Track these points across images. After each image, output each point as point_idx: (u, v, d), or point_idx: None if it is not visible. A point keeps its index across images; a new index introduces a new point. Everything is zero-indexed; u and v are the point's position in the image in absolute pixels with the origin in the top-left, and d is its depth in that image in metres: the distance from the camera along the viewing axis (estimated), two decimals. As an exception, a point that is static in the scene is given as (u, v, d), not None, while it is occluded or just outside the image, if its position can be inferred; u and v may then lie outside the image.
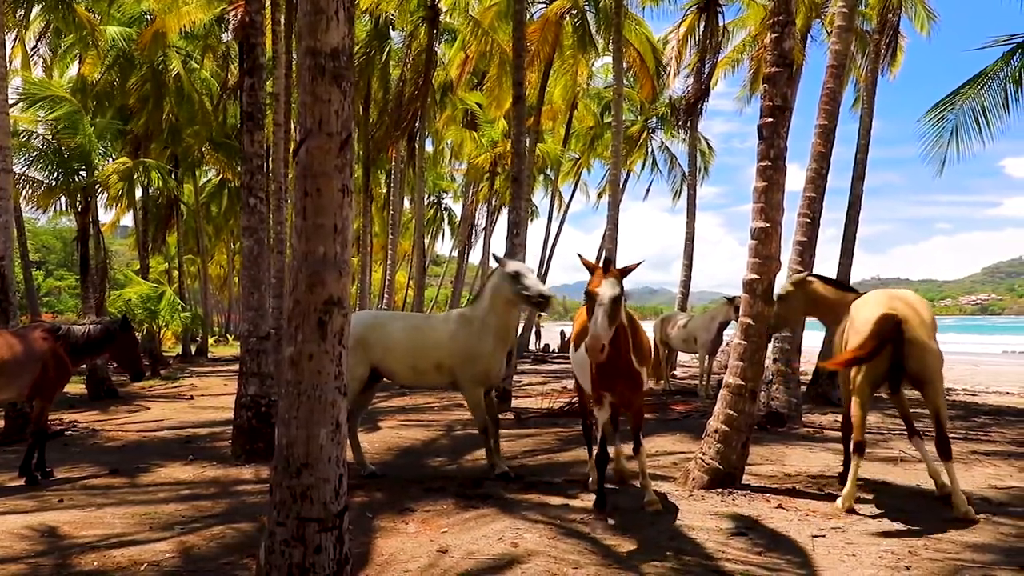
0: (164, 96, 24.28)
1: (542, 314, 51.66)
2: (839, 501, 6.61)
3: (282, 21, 17.53)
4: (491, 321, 7.73)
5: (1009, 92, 11.34)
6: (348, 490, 7.13)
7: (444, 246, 61.05)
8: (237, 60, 21.75)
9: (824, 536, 5.84)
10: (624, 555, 5.38)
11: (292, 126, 18.44)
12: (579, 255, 6.40)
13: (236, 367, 24.44)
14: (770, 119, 7.29)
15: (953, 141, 11.80)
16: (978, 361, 33.44)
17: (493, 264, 8.21)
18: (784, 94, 7.30)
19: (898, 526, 6.07)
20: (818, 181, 11.89)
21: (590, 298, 5.92)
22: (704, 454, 7.54)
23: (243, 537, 5.89)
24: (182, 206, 35.06)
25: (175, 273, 36.57)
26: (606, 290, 5.85)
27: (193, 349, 31.84)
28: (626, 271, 6.13)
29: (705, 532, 5.96)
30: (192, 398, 16.54)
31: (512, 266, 7.63)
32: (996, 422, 12.41)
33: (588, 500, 6.85)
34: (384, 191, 37.95)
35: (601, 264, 6.15)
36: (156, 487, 7.91)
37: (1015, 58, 11.51)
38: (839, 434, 10.86)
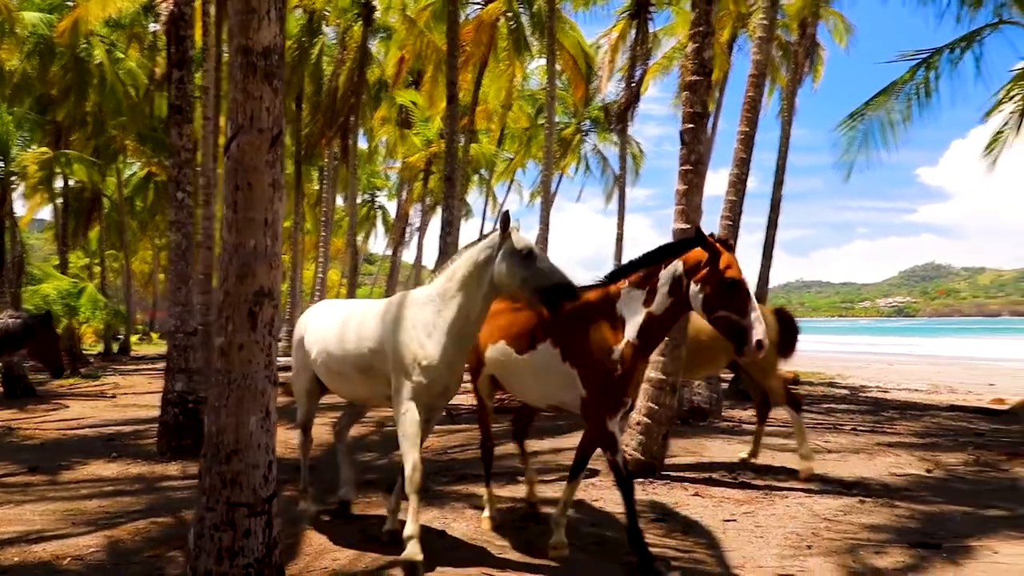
0: (87, 86, 23.53)
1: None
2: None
3: (212, 13, 17.23)
4: (453, 309, 5.02)
5: (913, 104, 12.04)
6: (279, 484, 7.22)
7: (378, 244, 60.74)
8: (165, 50, 21.22)
9: (735, 521, 6.19)
10: (548, 541, 5.59)
11: (222, 120, 18.15)
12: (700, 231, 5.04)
13: (161, 365, 23.75)
14: (691, 125, 7.62)
15: (864, 149, 12.49)
16: (892, 360, 35.04)
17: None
18: (704, 101, 7.64)
19: (804, 511, 6.47)
20: (739, 186, 12.36)
21: (736, 288, 4.75)
22: (627, 445, 7.82)
23: (169, 531, 5.89)
24: (105, 200, 34.01)
25: (96, 268, 35.44)
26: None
27: (115, 347, 30.92)
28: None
29: (625, 518, 6.22)
30: (115, 396, 16.14)
31: (523, 241, 4.89)
32: (903, 416, 13.13)
33: (513, 491, 7.07)
34: (317, 188, 37.54)
35: (719, 242, 4.96)
36: (78, 484, 7.78)
37: (920, 72, 12.22)
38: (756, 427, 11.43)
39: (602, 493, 7.10)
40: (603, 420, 5.10)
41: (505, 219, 4.95)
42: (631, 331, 5.09)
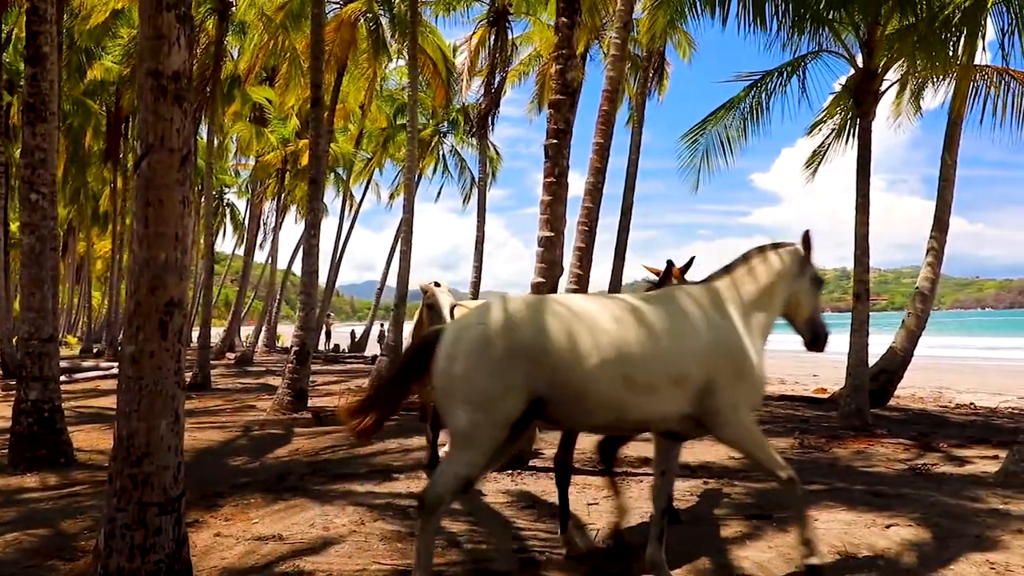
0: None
1: (331, 315, 50.75)
2: None
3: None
4: (766, 318, 4.67)
5: (748, 119, 13.36)
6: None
7: (225, 243, 58.63)
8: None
9: (598, 504, 6.82)
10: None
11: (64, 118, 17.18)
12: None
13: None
14: (555, 140, 8.22)
15: (705, 159, 13.75)
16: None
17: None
18: (567, 118, 8.26)
19: (658, 492, 7.19)
20: (595, 193, 13.19)
21: None
22: (497, 440, 8.32)
23: (44, 542, 5.79)
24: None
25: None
26: None
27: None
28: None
29: (499, 506, 6.73)
30: (-62, 408, 14.96)
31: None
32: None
33: (390, 487, 7.40)
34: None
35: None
36: (-76, 500, 7.37)
37: (754, 92, 13.55)
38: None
39: (477, 485, 7.54)
40: None
41: (808, 239, 4.80)
42: None
